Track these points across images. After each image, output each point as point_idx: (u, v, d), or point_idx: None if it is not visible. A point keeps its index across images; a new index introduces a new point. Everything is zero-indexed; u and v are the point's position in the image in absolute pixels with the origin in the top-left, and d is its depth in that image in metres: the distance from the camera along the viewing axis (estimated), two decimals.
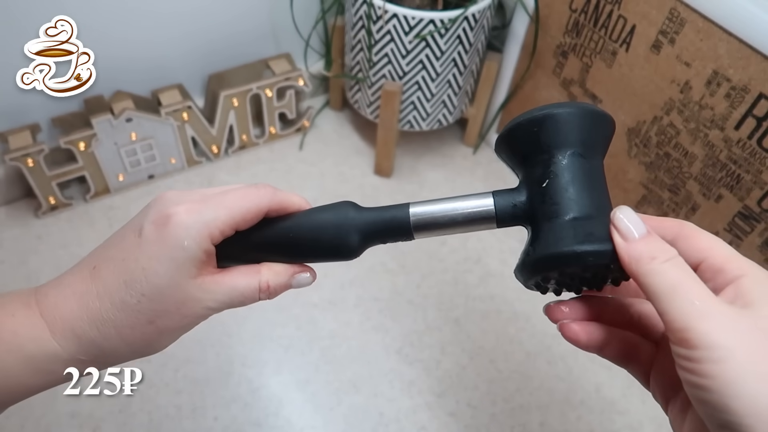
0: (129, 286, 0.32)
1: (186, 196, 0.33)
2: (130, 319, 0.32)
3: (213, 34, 1.07)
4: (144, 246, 0.32)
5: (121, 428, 0.80)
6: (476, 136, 1.22)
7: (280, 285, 0.36)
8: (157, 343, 0.34)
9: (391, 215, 0.35)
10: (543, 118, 0.32)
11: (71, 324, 0.32)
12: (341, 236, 0.35)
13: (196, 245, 0.32)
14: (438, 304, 0.97)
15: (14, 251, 0.98)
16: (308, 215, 0.36)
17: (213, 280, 0.33)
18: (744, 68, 0.73)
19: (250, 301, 0.35)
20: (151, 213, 0.33)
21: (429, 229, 0.35)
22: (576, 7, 0.93)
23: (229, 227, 0.33)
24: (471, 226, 0.34)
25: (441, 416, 0.84)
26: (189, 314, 0.33)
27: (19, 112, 0.97)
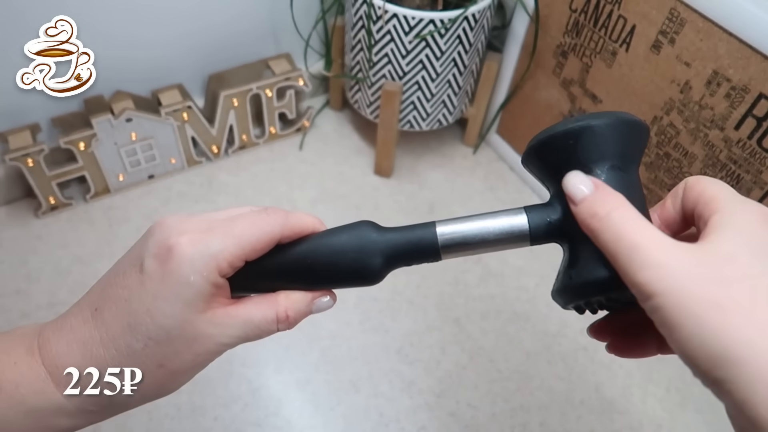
0: (134, 329, 0.29)
1: (189, 223, 0.30)
2: (138, 365, 0.30)
3: (213, 33, 1.07)
4: (147, 284, 0.29)
5: (121, 428, 0.80)
6: (476, 136, 1.22)
7: (300, 313, 0.33)
8: (170, 385, 0.32)
9: (417, 236, 0.33)
10: (580, 130, 0.30)
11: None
12: (363, 260, 0.32)
13: (203, 279, 0.29)
14: (438, 304, 0.97)
15: (14, 251, 0.98)
16: (325, 239, 0.33)
17: (225, 314, 0.31)
18: (744, 68, 0.73)
19: (266, 333, 0.32)
20: (150, 244, 0.30)
21: (458, 249, 0.32)
22: (576, 7, 0.93)
23: (238, 258, 0.30)
24: (503, 245, 0.32)
25: (441, 416, 0.84)
26: (201, 352, 0.31)
27: (19, 112, 0.97)
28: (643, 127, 0.32)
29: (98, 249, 1.00)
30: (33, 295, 0.93)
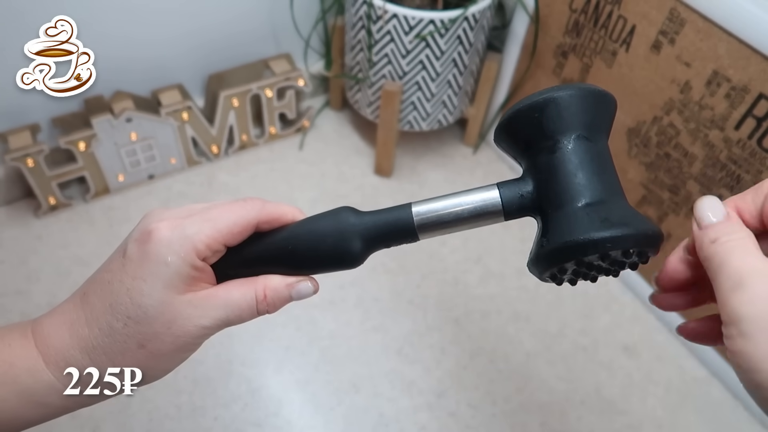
0: (114, 309, 0.30)
1: (170, 212, 0.32)
2: (120, 344, 0.31)
3: (213, 34, 1.07)
4: (127, 266, 0.31)
5: (121, 428, 0.80)
6: (476, 136, 1.22)
7: (279, 295, 0.34)
8: (154, 368, 0.32)
9: (394, 217, 0.33)
10: (544, 102, 0.31)
11: (64, 354, 0.31)
12: (342, 244, 0.33)
13: (181, 260, 0.30)
14: (438, 304, 0.97)
15: (14, 251, 0.98)
16: (305, 225, 0.34)
17: (205, 295, 0.31)
18: (744, 68, 0.73)
19: (248, 315, 0.33)
20: (135, 231, 0.32)
21: (434, 228, 0.33)
22: (576, 7, 0.93)
23: (215, 241, 0.31)
24: (478, 221, 0.33)
25: (441, 416, 0.84)
26: (181, 334, 0.31)
27: (19, 112, 0.97)
28: (609, 98, 0.32)
29: (98, 249, 1.00)
30: (33, 295, 0.93)
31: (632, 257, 0.30)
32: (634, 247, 0.29)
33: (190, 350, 0.33)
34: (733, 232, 0.28)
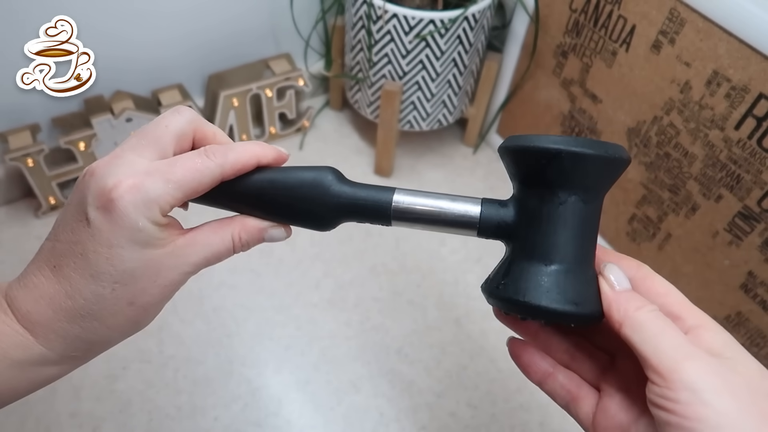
0: (98, 278, 0.30)
1: (121, 165, 0.30)
2: (109, 307, 0.31)
3: (213, 34, 1.07)
4: (98, 235, 0.30)
5: (121, 428, 0.80)
6: (476, 136, 1.22)
7: (252, 239, 0.34)
8: (144, 319, 0.33)
9: (374, 196, 0.33)
10: (556, 154, 0.30)
11: (51, 327, 0.31)
12: (317, 208, 0.34)
13: (151, 222, 0.30)
14: (438, 304, 0.97)
15: (14, 251, 0.98)
16: (286, 175, 0.34)
17: (184, 243, 0.32)
18: (744, 68, 0.73)
19: (226, 256, 0.34)
20: (89, 196, 0.30)
21: (408, 220, 0.33)
22: (576, 7, 0.93)
23: (178, 201, 0.31)
24: (451, 228, 0.34)
25: (441, 416, 0.84)
26: (167, 283, 0.32)
27: (19, 112, 0.97)
28: (622, 163, 0.31)
29: None
30: None
31: (575, 325, 0.33)
32: (577, 323, 0.32)
33: (173, 294, 0.33)
34: (651, 304, 0.30)
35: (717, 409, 0.25)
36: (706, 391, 0.26)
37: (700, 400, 0.26)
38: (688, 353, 0.27)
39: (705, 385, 0.26)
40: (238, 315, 0.92)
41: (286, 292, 0.96)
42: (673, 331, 0.28)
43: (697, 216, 0.85)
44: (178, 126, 0.33)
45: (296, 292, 0.96)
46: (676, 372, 0.27)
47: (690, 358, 0.27)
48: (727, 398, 0.26)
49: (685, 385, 0.26)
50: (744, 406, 0.26)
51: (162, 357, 0.87)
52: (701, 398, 0.26)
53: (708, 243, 0.85)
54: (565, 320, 0.31)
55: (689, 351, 0.27)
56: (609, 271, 0.32)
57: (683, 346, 0.28)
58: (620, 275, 0.32)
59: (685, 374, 0.26)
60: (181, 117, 0.33)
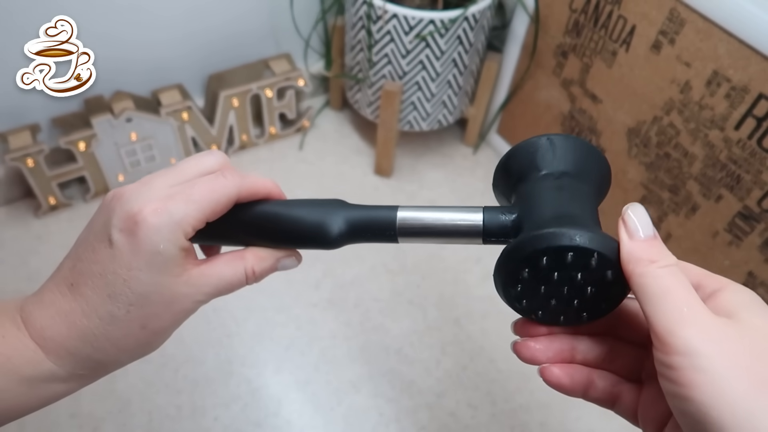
0: (114, 299, 0.31)
1: (148, 192, 0.32)
2: (122, 329, 0.32)
3: (213, 34, 1.07)
4: (119, 257, 0.31)
5: (121, 428, 0.80)
6: (476, 136, 1.22)
7: (265, 270, 0.36)
8: (154, 343, 0.34)
9: (378, 215, 0.35)
10: (539, 140, 0.34)
11: (64, 344, 0.32)
12: (323, 231, 0.35)
13: (172, 246, 0.31)
14: (438, 304, 0.97)
15: (14, 251, 0.98)
16: (290, 209, 0.36)
17: (199, 274, 0.33)
18: (744, 68, 0.73)
19: (238, 287, 0.35)
20: (115, 218, 0.31)
21: (414, 235, 0.34)
22: (576, 7, 0.93)
23: (199, 222, 0.32)
24: (456, 238, 0.34)
25: (441, 416, 0.84)
26: (179, 311, 0.33)
27: (19, 112, 0.97)
28: (599, 154, 0.35)
29: None
30: None
31: (588, 273, 0.30)
32: (593, 251, 0.28)
33: (183, 321, 0.34)
34: (669, 257, 0.28)
35: (712, 375, 0.24)
36: (702, 356, 0.25)
37: (693, 366, 0.25)
38: (689, 316, 0.26)
39: (701, 350, 0.25)
40: (238, 315, 0.92)
41: (286, 292, 0.96)
42: (681, 292, 0.27)
43: (697, 216, 0.85)
44: (206, 164, 0.34)
45: (296, 292, 0.96)
46: (673, 335, 0.26)
47: (688, 321, 0.26)
48: (724, 364, 0.24)
49: (679, 349, 0.25)
50: (742, 372, 0.24)
51: (162, 357, 0.87)
52: (695, 364, 0.25)
53: (708, 243, 0.85)
54: (579, 248, 0.28)
55: (691, 314, 0.26)
56: (629, 214, 0.29)
57: (687, 308, 0.26)
58: (643, 218, 0.29)
59: (681, 339, 0.25)
60: (212, 157, 0.35)
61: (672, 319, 0.26)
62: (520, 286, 0.31)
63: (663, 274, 0.27)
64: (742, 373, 0.24)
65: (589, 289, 0.30)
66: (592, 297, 0.31)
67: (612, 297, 0.31)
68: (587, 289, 0.30)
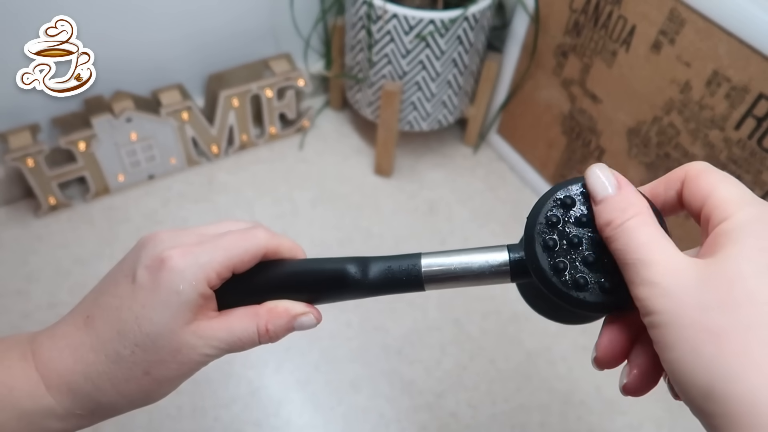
0: (122, 336, 0.30)
1: (180, 237, 0.32)
2: (125, 371, 0.31)
3: (213, 34, 1.07)
4: (138, 293, 0.31)
5: (121, 428, 0.80)
6: (476, 136, 1.22)
7: (281, 328, 0.34)
8: (156, 393, 0.33)
9: (401, 267, 0.34)
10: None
11: (66, 379, 0.31)
12: (343, 269, 0.34)
13: (192, 289, 0.30)
14: (438, 304, 0.97)
15: (14, 251, 0.98)
16: (310, 271, 0.36)
17: (209, 326, 0.32)
18: (744, 68, 0.73)
19: (249, 345, 0.33)
20: (143, 257, 0.31)
21: (440, 281, 0.33)
22: (576, 7, 0.93)
23: (225, 269, 0.32)
24: (483, 281, 0.33)
25: (441, 416, 0.84)
26: (185, 362, 0.31)
27: (19, 112, 0.97)
28: None
29: (98, 249, 1.00)
30: (33, 295, 0.93)
31: None
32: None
33: (190, 375, 0.33)
34: (630, 207, 0.27)
35: (670, 331, 0.23)
36: (658, 313, 0.24)
37: (653, 324, 0.24)
38: (645, 276, 0.25)
39: (657, 307, 0.24)
40: None
41: None
42: (639, 248, 0.25)
43: None
44: (241, 223, 0.35)
45: None
46: (636, 299, 0.25)
47: (645, 282, 0.25)
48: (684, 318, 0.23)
49: (642, 311, 0.25)
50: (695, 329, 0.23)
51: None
52: (654, 321, 0.24)
53: None
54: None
55: (647, 273, 0.25)
56: (590, 174, 0.29)
57: (645, 265, 0.25)
58: (596, 179, 0.28)
59: (639, 300, 0.25)
60: (248, 220, 0.36)
61: (631, 282, 0.26)
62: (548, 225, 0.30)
63: (619, 234, 0.26)
64: (702, 329, 0.23)
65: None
66: None
67: None
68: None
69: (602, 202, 0.28)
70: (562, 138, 1.06)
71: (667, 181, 0.30)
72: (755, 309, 0.22)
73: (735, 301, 0.23)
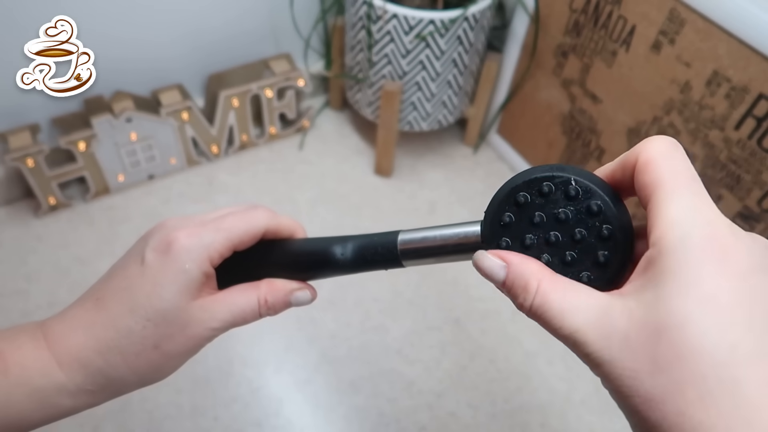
0: (134, 312, 0.32)
1: (185, 221, 0.35)
2: (136, 345, 0.33)
3: (213, 34, 1.07)
4: (147, 273, 0.33)
5: (121, 428, 0.80)
6: (476, 136, 1.22)
7: (278, 301, 0.36)
8: (164, 368, 0.35)
9: (379, 243, 0.36)
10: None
11: (77, 354, 0.32)
12: (327, 249, 0.37)
13: (197, 267, 0.33)
14: (438, 304, 0.97)
15: (14, 251, 0.98)
16: (309, 239, 0.38)
17: (213, 300, 0.34)
18: (744, 68, 0.73)
19: (252, 317, 0.36)
20: (151, 241, 0.34)
21: (417, 256, 0.35)
22: (576, 7, 0.93)
23: (227, 249, 0.34)
24: (458, 254, 0.33)
25: (441, 416, 0.84)
26: (193, 336, 0.34)
27: (19, 112, 0.97)
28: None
29: (98, 249, 1.00)
30: (33, 295, 0.93)
31: (576, 203, 0.28)
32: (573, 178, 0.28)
33: (196, 350, 0.35)
34: (527, 282, 0.27)
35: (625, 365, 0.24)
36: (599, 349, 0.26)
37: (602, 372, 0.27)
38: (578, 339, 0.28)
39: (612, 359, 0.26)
40: None
41: None
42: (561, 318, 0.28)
43: None
44: (243, 205, 0.37)
45: None
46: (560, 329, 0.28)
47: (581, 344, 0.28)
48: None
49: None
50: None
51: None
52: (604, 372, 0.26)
53: None
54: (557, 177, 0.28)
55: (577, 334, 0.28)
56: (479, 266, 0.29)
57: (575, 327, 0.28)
58: (488, 269, 0.28)
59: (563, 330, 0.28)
60: (249, 202, 0.38)
61: (573, 348, 0.28)
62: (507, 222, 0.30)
63: (539, 314, 0.28)
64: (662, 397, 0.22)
65: (578, 232, 0.29)
66: (587, 243, 0.29)
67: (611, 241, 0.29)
68: (576, 231, 0.29)
69: (504, 287, 0.28)
70: (562, 138, 1.06)
71: (623, 164, 0.28)
72: (685, 364, 0.21)
73: (665, 360, 0.22)
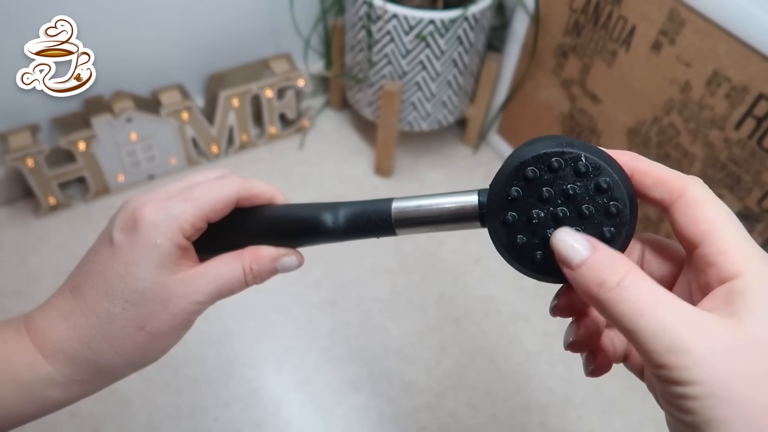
0: (110, 295, 0.31)
1: (151, 195, 0.33)
2: (119, 329, 0.31)
3: (213, 34, 1.07)
4: (117, 254, 0.31)
5: (121, 428, 0.80)
6: (476, 136, 1.22)
7: (264, 268, 0.34)
8: (153, 349, 0.33)
9: (373, 205, 0.34)
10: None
11: (62, 345, 0.31)
12: (318, 216, 0.35)
13: (168, 241, 0.31)
14: (438, 304, 0.97)
15: (14, 251, 0.98)
16: (291, 206, 0.36)
17: (195, 272, 0.32)
18: (744, 68, 0.73)
19: (238, 287, 0.34)
20: (117, 220, 0.32)
21: (411, 225, 0.33)
22: (576, 7, 0.93)
23: (198, 219, 0.32)
24: (454, 224, 0.33)
25: (441, 416, 0.84)
26: (177, 311, 0.32)
27: (19, 112, 0.97)
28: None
29: None
30: (33, 295, 0.93)
31: (585, 179, 0.27)
32: (583, 155, 0.27)
33: (186, 327, 0.33)
34: (617, 263, 0.24)
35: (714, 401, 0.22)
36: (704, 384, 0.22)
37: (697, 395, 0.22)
38: (673, 343, 0.22)
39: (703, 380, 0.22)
40: (238, 315, 0.92)
41: (286, 292, 0.96)
42: (652, 310, 0.23)
43: None
44: (210, 174, 0.35)
45: (296, 292, 0.96)
46: (668, 368, 0.23)
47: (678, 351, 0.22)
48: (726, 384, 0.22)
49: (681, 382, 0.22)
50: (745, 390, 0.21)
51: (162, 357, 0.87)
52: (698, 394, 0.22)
53: None
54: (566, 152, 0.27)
55: (674, 338, 0.22)
56: (556, 241, 0.26)
57: (670, 330, 0.22)
58: (571, 238, 0.26)
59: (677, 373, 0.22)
60: (216, 169, 0.35)
61: (650, 347, 0.23)
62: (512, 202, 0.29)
63: (619, 298, 0.24)
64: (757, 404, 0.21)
65: (586, 208, 0.28)
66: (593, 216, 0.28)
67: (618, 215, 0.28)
68: (583, 208, 0.28)
69: (581, 266, 0.25)
70: None
71: (658, 181, 0.27)
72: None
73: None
